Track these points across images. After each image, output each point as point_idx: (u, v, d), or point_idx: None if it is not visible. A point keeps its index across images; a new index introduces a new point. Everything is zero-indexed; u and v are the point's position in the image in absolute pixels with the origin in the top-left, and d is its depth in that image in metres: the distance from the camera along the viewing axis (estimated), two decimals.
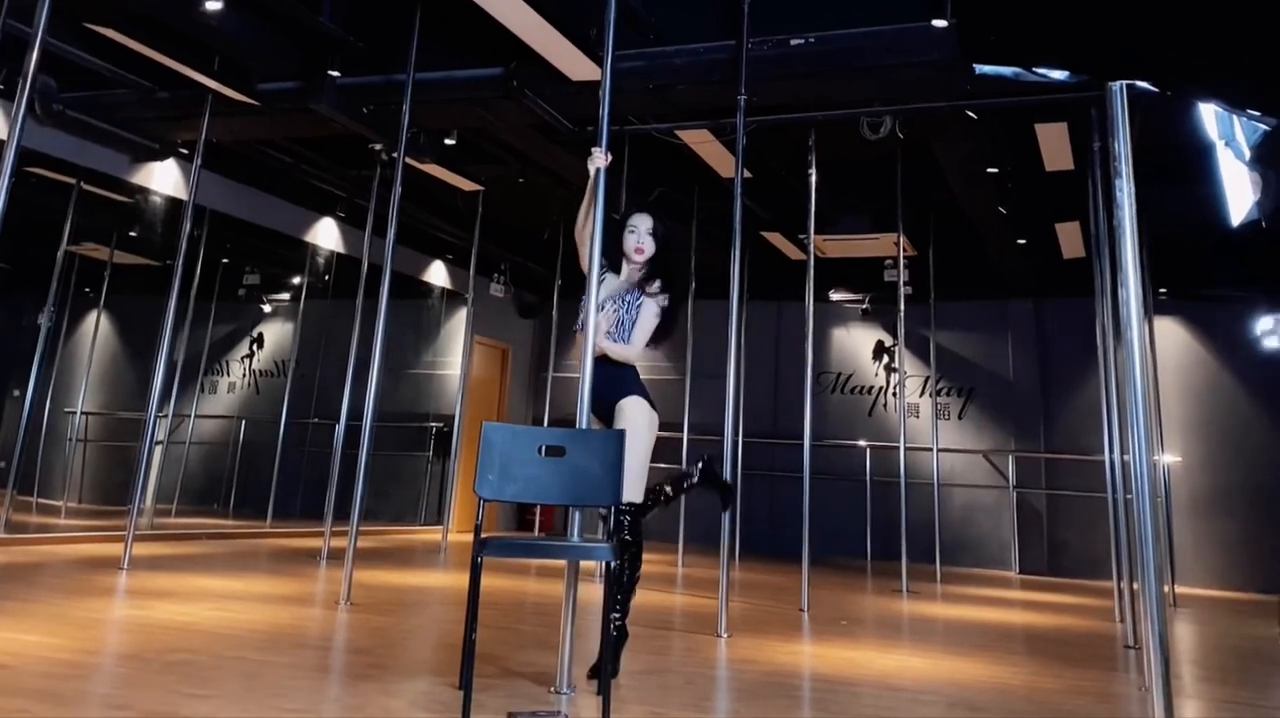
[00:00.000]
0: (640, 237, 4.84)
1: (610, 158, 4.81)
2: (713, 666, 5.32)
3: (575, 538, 4.37)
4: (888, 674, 5.34)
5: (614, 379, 4.69)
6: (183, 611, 5.81)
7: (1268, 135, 7.69)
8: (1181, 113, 7.84)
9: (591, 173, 4.79)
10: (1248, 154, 8.03)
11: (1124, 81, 3.73)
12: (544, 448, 4.21)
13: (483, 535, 3.93)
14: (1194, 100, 7.61)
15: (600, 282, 4.77)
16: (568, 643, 4.23)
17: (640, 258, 4.84)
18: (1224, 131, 8.10)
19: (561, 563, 4.43)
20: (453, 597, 7.53)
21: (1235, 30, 6.83)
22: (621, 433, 4.35)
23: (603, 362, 4.67)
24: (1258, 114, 7.47)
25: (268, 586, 7.44)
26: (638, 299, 4.77)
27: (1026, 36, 7.33)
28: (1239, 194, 8.64)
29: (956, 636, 7.31)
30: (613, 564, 4.06)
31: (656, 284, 4.80)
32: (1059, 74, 7.36)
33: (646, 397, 4.72)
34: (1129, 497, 6.64)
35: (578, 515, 4.39)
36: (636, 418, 4.61)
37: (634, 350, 4.75)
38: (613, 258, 4.89)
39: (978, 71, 7.12)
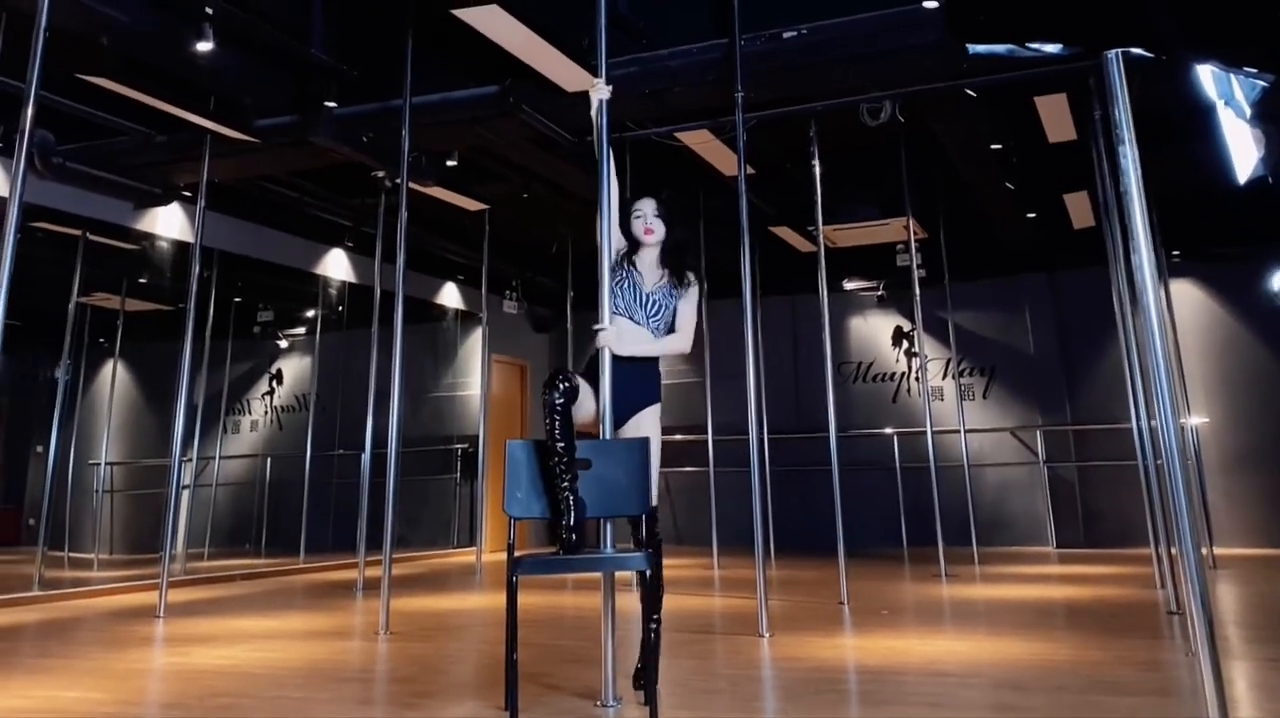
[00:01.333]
0: (647, 219, 4.83)
1: (610, 89, 4.96)
2: (757, 666, 5.30)
3: (609, 549, 4.36)
4: (932, 660, 5.31)
5: (643, 381, 4.65)
6: (222, 654, 5.82)
7: (1267, 91, 7.63)
8: (1180, 75, 7.79)
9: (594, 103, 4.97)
10: (1248, 112, 7.97)
11: (1119, 49, 3.70)
12: None
13: (515, 554, 3.92)
14: (1190, 63, 7.56)
15: (627, 273, 4.76)
16: (610, 655, 4.21)
17: (651, 239, 4.83)
18: (1223, 91, 8.04)
19: (597, 575, 4.40)
20: (492, 618, 7.50)
21: None
22: (645, 440, 4.34)
23: (629, 363, 4.62)
24: (1254, 70, 7.42)
25: (305, 622, 7.44)
26: (678, 296, 4.76)
27: (1015, 13, 7.29)
28: (1243, 152, 8.58)
29: (998, 616, 7.27)
30: (648, 572, 4.04)
31: (689, 277, 4.82)
32: (1052, 47, 7.33)
33: (660, 398, 4.72)
34: (1159, 462, 6.61)
35: (609, 526, 4.37)
36: (654, 426, 4.59)
37: (687, 342, 4.76)
38: (629, 242, 4.89)
39: (971, 52, 7.10)
